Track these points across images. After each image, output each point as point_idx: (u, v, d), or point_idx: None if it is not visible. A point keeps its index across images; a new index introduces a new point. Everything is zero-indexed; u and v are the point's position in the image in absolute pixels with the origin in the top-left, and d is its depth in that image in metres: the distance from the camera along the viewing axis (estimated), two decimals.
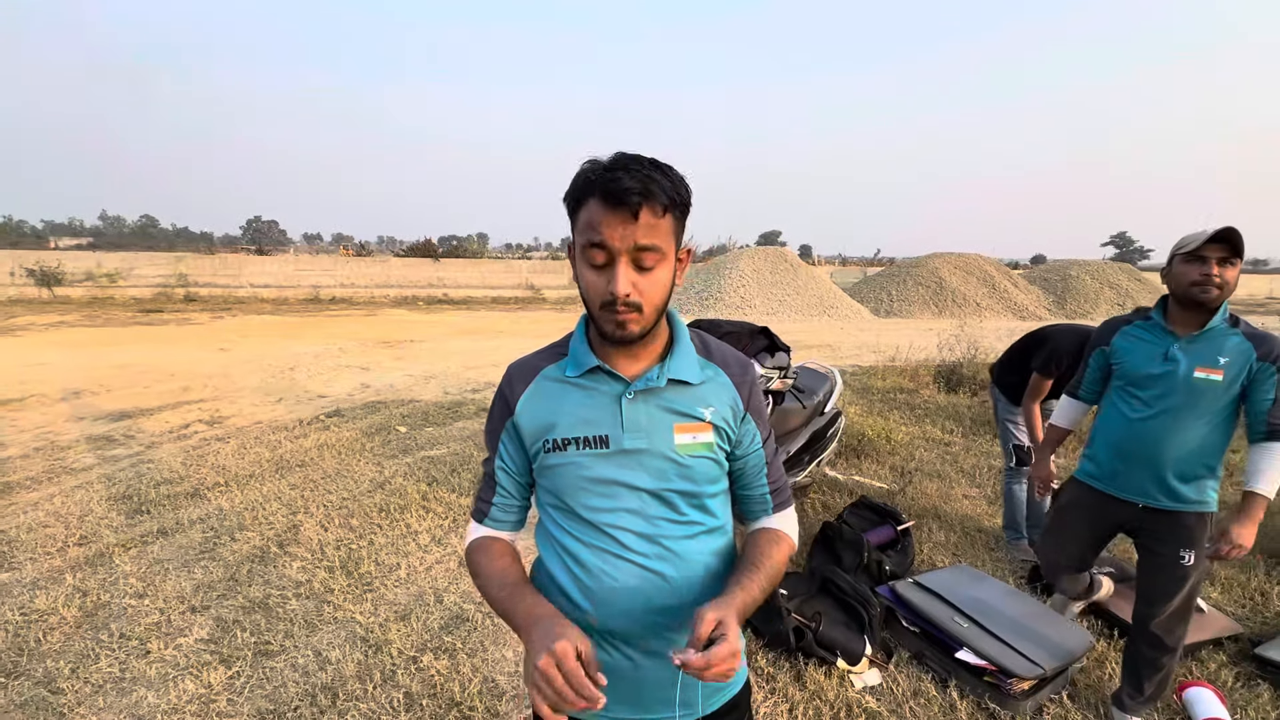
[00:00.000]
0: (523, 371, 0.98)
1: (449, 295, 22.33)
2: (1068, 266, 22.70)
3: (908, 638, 2.44)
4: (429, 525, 3.42)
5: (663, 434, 0.91)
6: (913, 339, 11.64)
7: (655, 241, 0.82)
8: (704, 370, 0.96)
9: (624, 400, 0.91)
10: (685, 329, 0.98)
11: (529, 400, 0.95)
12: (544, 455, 0.94)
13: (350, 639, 2.44)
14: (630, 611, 0.91)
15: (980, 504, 3.86)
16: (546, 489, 0.97)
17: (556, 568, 0.96)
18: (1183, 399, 1.83)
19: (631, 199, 0.79)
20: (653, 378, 0.91)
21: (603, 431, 0.91)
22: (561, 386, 0.94)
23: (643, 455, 0.91)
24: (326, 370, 8.26)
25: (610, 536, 0.92)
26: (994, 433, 5.43)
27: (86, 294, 18.65)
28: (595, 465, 0.91)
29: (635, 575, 0.91)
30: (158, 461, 4.47)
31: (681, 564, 0.94)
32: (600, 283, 0.83)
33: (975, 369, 7.35)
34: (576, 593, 0.93)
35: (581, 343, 0.95)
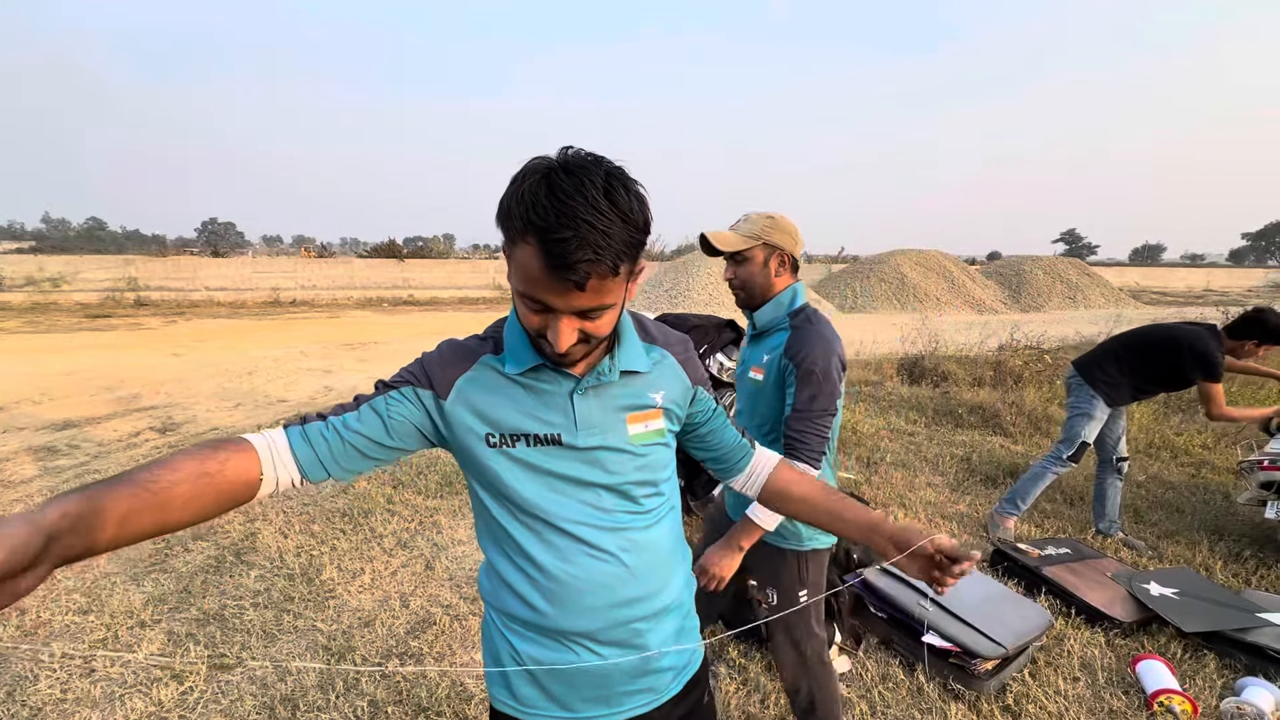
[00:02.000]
0: (458, 354, 0.88)
1: (414, 296, 21.91)
2: (1021, 262, 23.48)
3: (876, 624, 2.48)
4: (394, 529, 3.34)
5: (616, 428, 0.89)
6: (876, 333, 11.87)
7: (602, 302, 0.75)
8: (650, 355, 0.94)
9: (575, 397, 0.87)
10: (628, 317, 0.92)
11: (467, 387, 0.86)
12: (485, 449, 0.86)
13: (311, 648, 2.36)
14: (594, 608, 0.89)
15: (944, 491, 3.95)
16: (491, 488, 0.88)
17: (510, 572, 0.90)
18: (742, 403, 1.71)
19: (578, 273, 0.69)
20: (604, 371, 0.87)
21: (554, 430, 0.86)
22: (505, 381, 0.87)
23: (598, 452, 0.88)
24: (287, 373, 8.01)
25: (569, 535, 0.87)
26: (955, 423, 5.58)
27: (27, 299, 17.71)
28: (548, 463, 0.87)
29: (598, 571, 0.88)
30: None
31: (642, 552, 0.92)
32: (537, 324, 0.77)
33: (936, 361, 7.54)
34: (536, 596, 0.88)
35: (519, 336, 0.85)
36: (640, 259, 0.78)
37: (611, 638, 0.90)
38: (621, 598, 0.90)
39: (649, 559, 0.93)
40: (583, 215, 0.67)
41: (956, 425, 5.54)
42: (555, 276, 0.70)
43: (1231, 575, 2.95)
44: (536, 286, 0.73)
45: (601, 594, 0.88)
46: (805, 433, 1.48)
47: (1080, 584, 2.70)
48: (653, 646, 0.93)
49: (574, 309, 0.74)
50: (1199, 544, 3.24)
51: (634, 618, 0.91)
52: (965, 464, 4.48)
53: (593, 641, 0.90)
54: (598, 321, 0.77)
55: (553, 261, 0.69)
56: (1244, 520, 3.55)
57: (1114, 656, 2.33)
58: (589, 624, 0.89)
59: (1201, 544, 3.24)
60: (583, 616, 0.88)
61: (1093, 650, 2.35)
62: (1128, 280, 31.64)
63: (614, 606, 0.89)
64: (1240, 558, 3.11)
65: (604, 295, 0.74)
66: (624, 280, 0.77)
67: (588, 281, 0.70)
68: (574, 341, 0.77)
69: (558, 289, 0.72)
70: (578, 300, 0.73)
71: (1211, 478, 4.26)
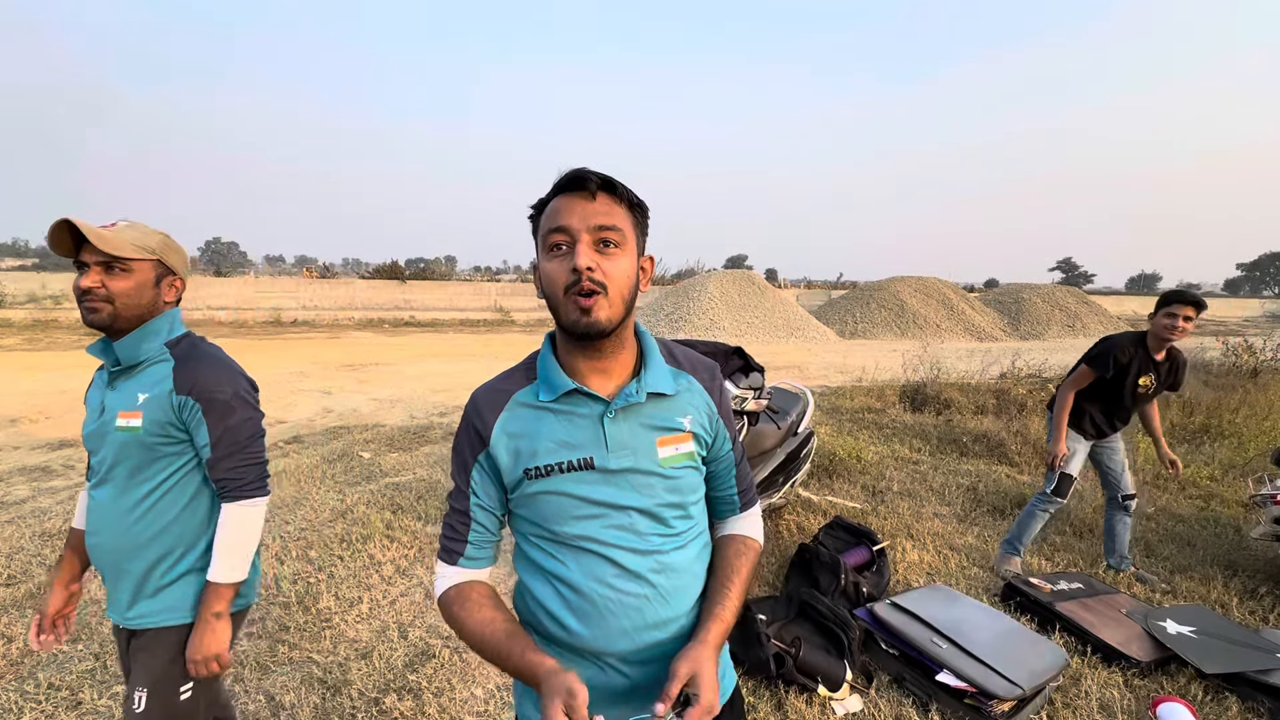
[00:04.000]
0: (492, 399, 0.95)
1: (416, 317, 21.96)
2: (1020, 290, 23.64)
3: (887, 660, 2.41)
4: (393, 556, 3.27)
5: (647, 450, 0.92)
6: (878, 359, 11.88)
7: (614, 222, 0.84)
8: (677, 380, 0.97)
9: (606, 420, 0.90)
10: (653, 340, 0.99)
11: (504, 429, 0.92)
12: (525, 483, 0.90)
13: (306, 680, 2.28)
14: (627, 630, 0.90)
15: (951, 522, 3.89)
16: (528, 518, 0.93)
17: (546, 594, 0.93)
18: None
19: (589, 184, 0.84)
20: (632, 393, 0.91)
21: (586, 454, 0.90)
22: (537, 412, 0.92)
23: (629, 474, 0.91)
24: (286, 394, 7.96)
25: (603, 558, 0.90)
26: (960, 451, 5.54)
27: (28, 317, 17.73)
28: (581, 488, 0.90)
29: (630, 593, 0.90)
30: None
31: (673, 575, 0.93)
32: (562, 268, 0.84)
33: (939, 388, 7.51)
34: (570, 618, 0.91)
35: (552, 364, 0.93)
36: (644, 237, 0.92)
37: (641, 657, 0.91)
38: (652, 620, 0.91)
39: (679, 582, 0.94)
40: (592, 170, 0.86)
41: (961, 454, 5.49)
42: (570, 195, 0.85)
43: (1248, 613, 2.89)
44: (557, 214, 0.85)
45: (633, 616, 0.90)
46: (242, 466, 1.33)
47: (1095, 621, 2.64)
48: None
49: (590, 224, 0.84)
50: (1213, 579, 3.18)
51: (663, 640, 0.92)
52: (972, 494, 4.43)
53: (622, 662, 0.91)
54: (612, 259, 0.85)
55: (570, 185, 0.85)
56: (1257, 555, 3.49)
57: (1133, 698, 2.26)
58: (621, 645, 0.90)
59: (1215, 579, 3.18)
60: (615, 638, 0.90)
61: (1111, 691, 2.28)
62: (1125, 308, 31.82)
63: (645, 629, 0.91)
64: (1256, 594, 3.05)
65: (614, 216, 0.85)
66: (631, 226, 0.88)
67: (598, 191, 0.84)
68: (594, 264, 0.83)
69: (574, 205, 0.84)
70: (593, 215, 0.84)
71: (1221, 510, 4.20)
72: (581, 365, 0.92)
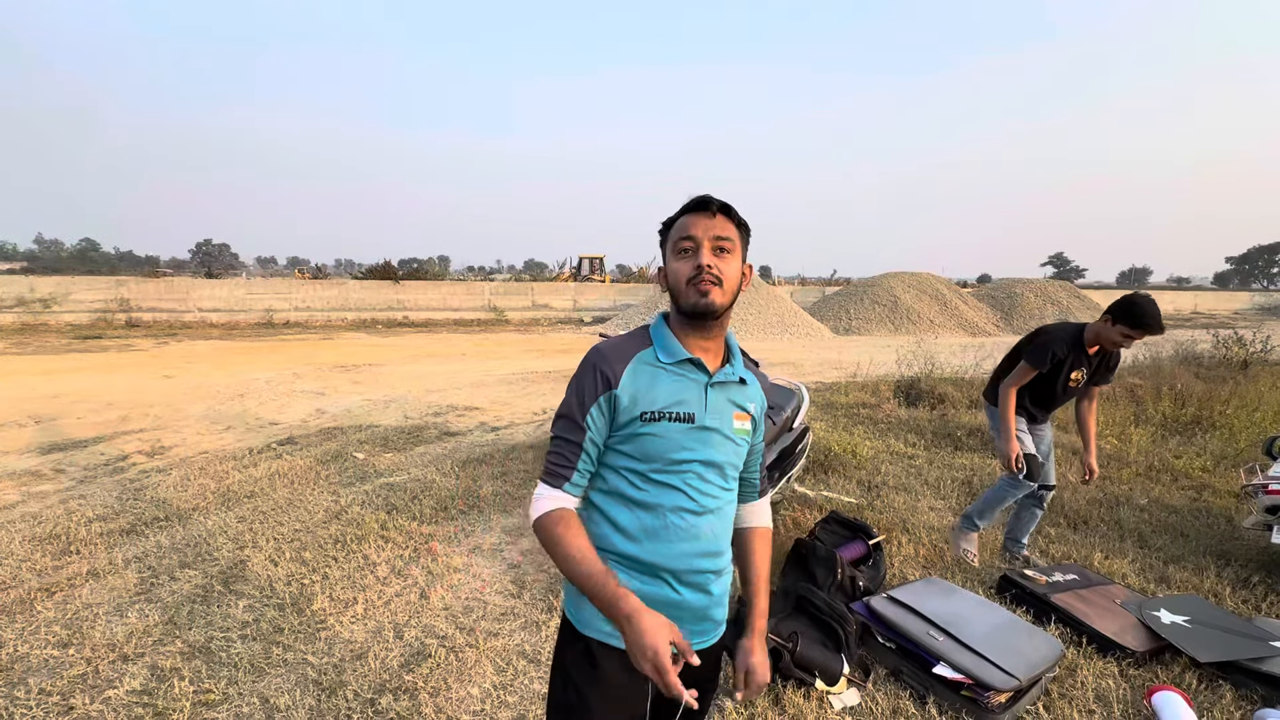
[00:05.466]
0: (619, 352, 1.15)
1: (409, 318, 21.86)
2: (1013, 284, 23.74)
3: (884, 654, 2.41)
4: (388, 556, 3.25)
5: (727, 418, 1.16)
6: (872, 355, 11.92)
7: (728, 234, 1.11)
8: (749, 375, 1.23)
9: (708, 388, 1.15)
10: (737, 342, 1.25)
11: (630, 378, 1.12)
12: (639, 424, 1.10)
13: (301, 682, 2.26)
14: (684, 552, 1.13)
15: (946, 516, 3.90)
16: (630, 453, 1.12)
17: (624, 516, 1.13)
18: None
19: (712, 205, 1.12)
20: (729, 374, 1.18)
21: (690, 410, 1.12)
22: (655, 370, 1.13)
23: (713, 433, 1.14)
24: (279, 396, 7.91)
25: (684, 493, 1.12)
26: (954, 445, 5.56)
27: (17, 320, 17.53)
28: (680, 436, 1.11)
29: (692, 523, 1.13)
30: (90, 497, 4.16)
31: (721, 519, 1.19)
32: (688, 265, 1.10)
33: (933, 383, 7.54)
34: (642, 534, 1.12)
35: (670, 336, 1.16)
36: (748, 252, 1.17)
37: (689, 581, 1.14)
38: (702, 549, 1.14)
39: (723, 526, 1.19)
40: (711, 197, 1.14)
41: (956, 448, 5.51)
42: (697, 212, 1.12)
43: (1241, 602, 2.91)
44: (686, 227, 1.11)
45: (691, 543, 1.13)
46: None
47: (1090, 612, 2.65)
48: (714, 594, 1.18)
49: (710, 234, 1.10)
50: (1206, 569, 3.20)
51: (707, 568, 1.16)
52: (966, 487, 4.45)
53: (675, 579, 1.13)
54: (725, 260, 1.11)
55: (696, 206, 1.12)
56: (1250, 545, 3.52)
57: (1128, 688, 2.27)
58: (676, 564, 1.12)
59: (1209, 569, 3.20)
60: (676, 558, 1.12)
61: (1107, 681, 2.29)
62: None
63: (695, 555, 1.14)
64: (1249, 584, 3.07)
65: (729, 230, 1.11)
66: (739, 242, 1.13)
67: (717, 213, 1.11)
68: (713, 261, 1.09)
69: (699, 219, 1.11)
70: (713, 226, 1.10)
71: (1214, 501, 4.23)
72: (691, 342, 1.15)
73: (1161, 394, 6.94)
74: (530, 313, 23.88)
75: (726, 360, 1.20)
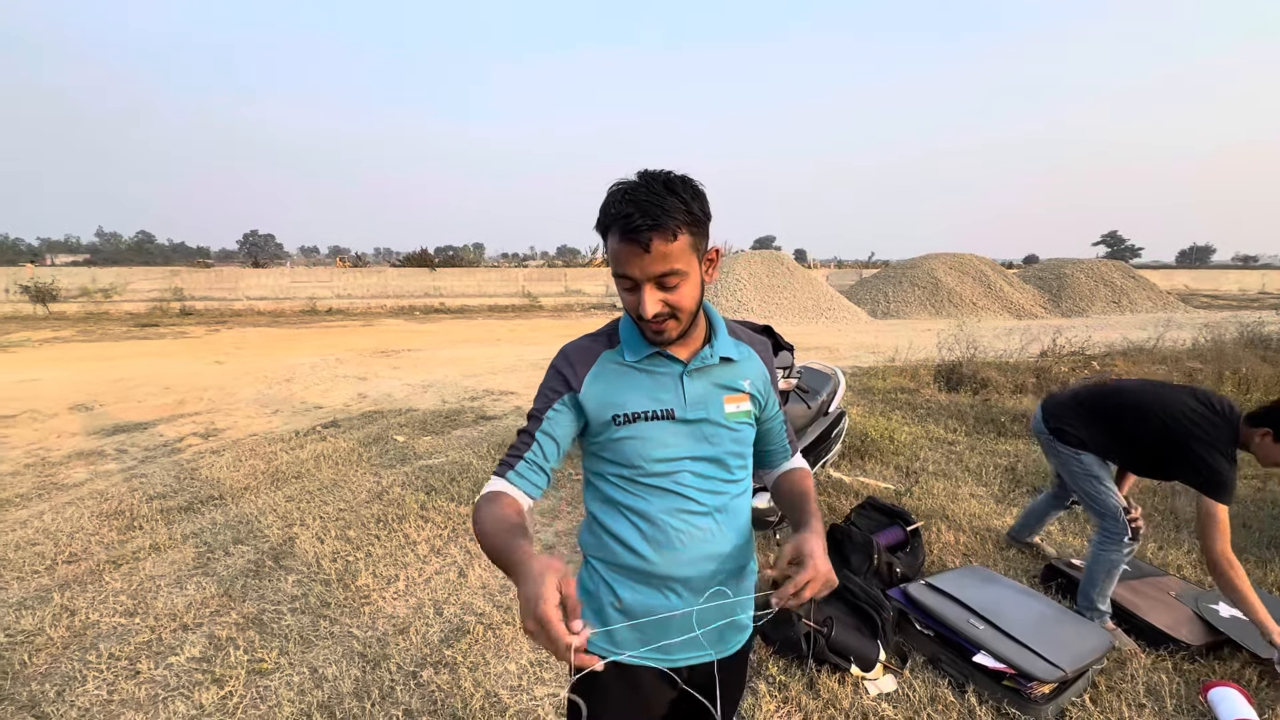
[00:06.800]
0: (582, 354, 1.06)
1: (445, 304, 22.25)
2: (1062, 265, 22.74)
3: (922, 641, 2.37)
4: (427, 535, 3.35)
5: (715, 405, 1.05)
6: (911, 339, 11.61)
7: (671, 267, 0.91)
8: (739, 349, 1.10)
9: (684, 378, 1.04)
10: (720, 316, 1.11)
11: (595, 380, 1.04)
12: (613, 428, 1.02)
13: (347, 655, 2.36)
14: (693, 559, 1.04)
15: (988, 503, 3.80)
16: (612, 459, 1.05)
17: (622, 527, 1.05)
18: None
19: (642, 236, 0.88)
20: (707, 356, 1.05)
21: (668, 406, 1.03)
22: (623, 369, 1.04)
23: (702, 424, 1.04)
24: (323, 381, 8.18)
25: (679, 495, 1.03)
26: (998, 431, 5.39)
27: (81, 309, 18.53)
28: (663, 435, 1.02)
29: (699, 528, 1.04)
30: (151, 476, 4.39)
31: (731, 514, 1.08)
32: (633, 301, 0.95)
33: (975, 368, 7.31)
34: (645, 546, 1.03)
35: (635, 332, 1.04)
36: (706, 241, 0.97)
37: (702, 587, 1.05)
38: (714, 553, 1.05)
39: (736, 523, 1.09)
40: (642, 198, 0.88)
41: (999, 434, 5.34)
42: (626, 244, 0.89)
43: None
44: (619, 261, 0.92)
45: (700, 547, 1.04)
46: None
47: (1142, 603, 2.55)
48: (734, 601, 1.08)
49: (649, 275, 0.91)
50: (1270, 563, 3.04)
51: (722, 571, 1.07)
52: (1010, 474, 4.31)
53: (687, 589, 1.04)
54: (677, 292, 0.93)
55: (623, 235, 0.89)
56: None
57: (1183, 682, 2.18)
58: (687, 572, 1.04)
59: (1273, 563, 3.04)
60: (683, 565, 1.04)
61: (1159, 675, 2.21)
62: (1176, 283, 30.39)
63: (707, 560, 1.05)
64: None
65: (671, 260, 0.90)
66: (690, 251, 0.92)
67: (651, 244, 0.88)
68: (660, 309, 0.93)
69: (631, 256, 0.90)
70: (650, 264, 0.90)
71: (1279, 491, 4.01)
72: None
73: (1223, 378, 6.58)
74: (564, 298, 24.04)
75: (707, 341, 1.07)
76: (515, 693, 2.17)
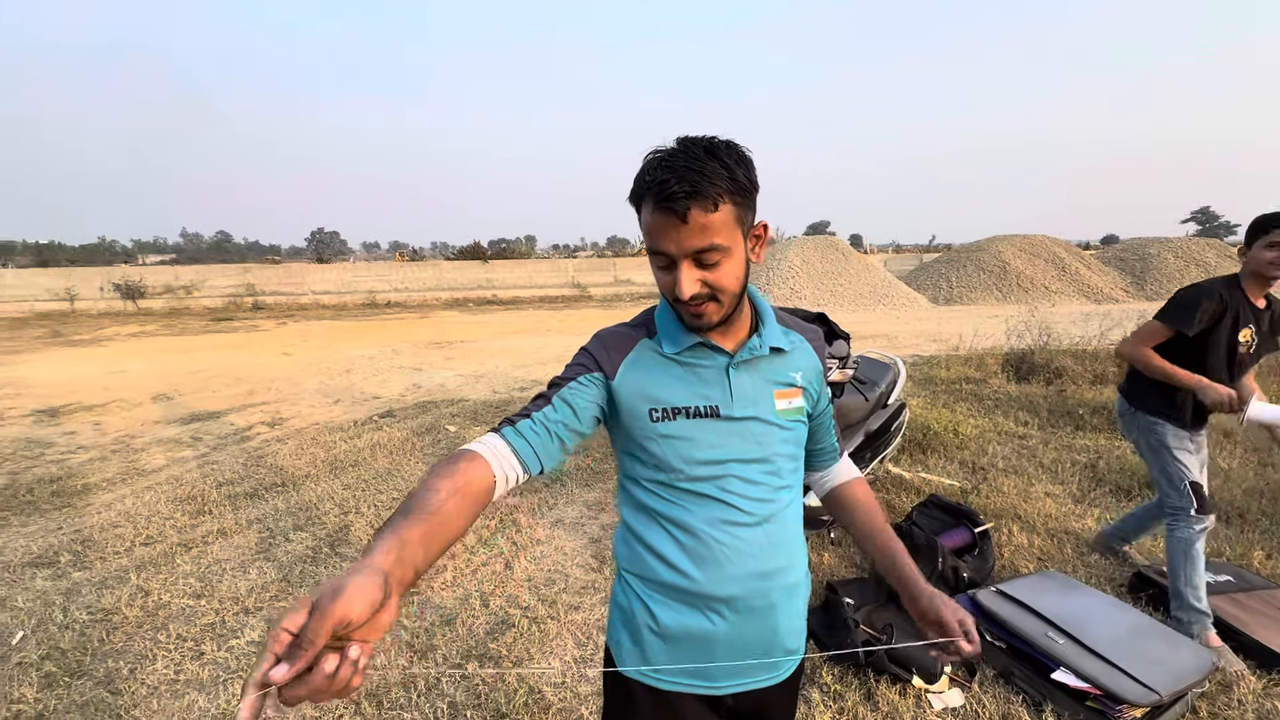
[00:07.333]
0: (618, 339, 0.96)
1: (497, 296, 22.69)
2: (1146, 245, 21.06)
3: (993, 653, 2.19)
4: (475, 526, 3.37)
5: (766, 401, 0.94)
6: (977, 326, 11.00)
7: (710, 241, 0.80)
8: (789, 338, 0.99)
9: (730, 371, 0.93)
10: (766, 302, 1.01)
11: (631, 368, 0.93)
12: (649, 425, 0.91)
13: (396, 644, 2.38)
14: (738, 575, 0.92)
15: (1065, 503, 3.51)
16: (650, 462, 0.93)
17: (660, 540, 0.94)
18: None
19: (678, 204, 0.78)
20: (755, 347, 0.94)
21: (712, 403, 0.91)
22: (663, 361, 0.93)
23: (750, 423, 0.93)
24: (381, 372, 8.45)
25: (724, 503, 0.92)
26: (1075, 425, 5.01)
27: (165, 305, 19.90)
28: (706, 434, 0.91)
29: (745, 539, 0.92)
30: (221, 463, 4.62)
31: (782, 526, 0.96)
32: (668, 282, 0.85)
33: (1049, 356, 6.83)
34: (686, 562, 0.92)
35: (673, 320, 0.94)
36: (752, 214, 0.85)
37: (750, 605, 0.93)
38: (763, 568, 0.93)
39: (786, 533, 0.97)
40: (680, 163, 0.78)
41: (1076, 428, 4.96)
42: (661, 214, 0.79)
43: None
44: (653, 235, 0.82)
45: (747, 562, 0.92)
46: None
47: (1249, 619, 2.29)
48: (782, 621, 0.96)
49: (687, 250, 0.81)
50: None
51: (771, 589, 0.95)
52: (1090, 471, 3.98)
53: (731, 610, 0.93)
54: (718, 271, 0.83)
55: (657, 204, 0.79)
56: None
57: None
58: (733, 590, 0.92)
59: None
60: (728, 583, 0.92)
61: (1271, 702, 1.96)
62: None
63: (756, 576, 0.93)
64: None
65: (710, 234, 0.80)
66: (733, 224, 0.82)
67: (689, 214, 0.78)
68: (698, 290, 0.83)
69: (667, 228, 0.80)
70: (687, 238, 0.80)
71: None
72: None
73: None
74: (613, 288, 24.09)
75: (754, 330, 0.96)
76: (559, 690, 2.13)
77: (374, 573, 0.56)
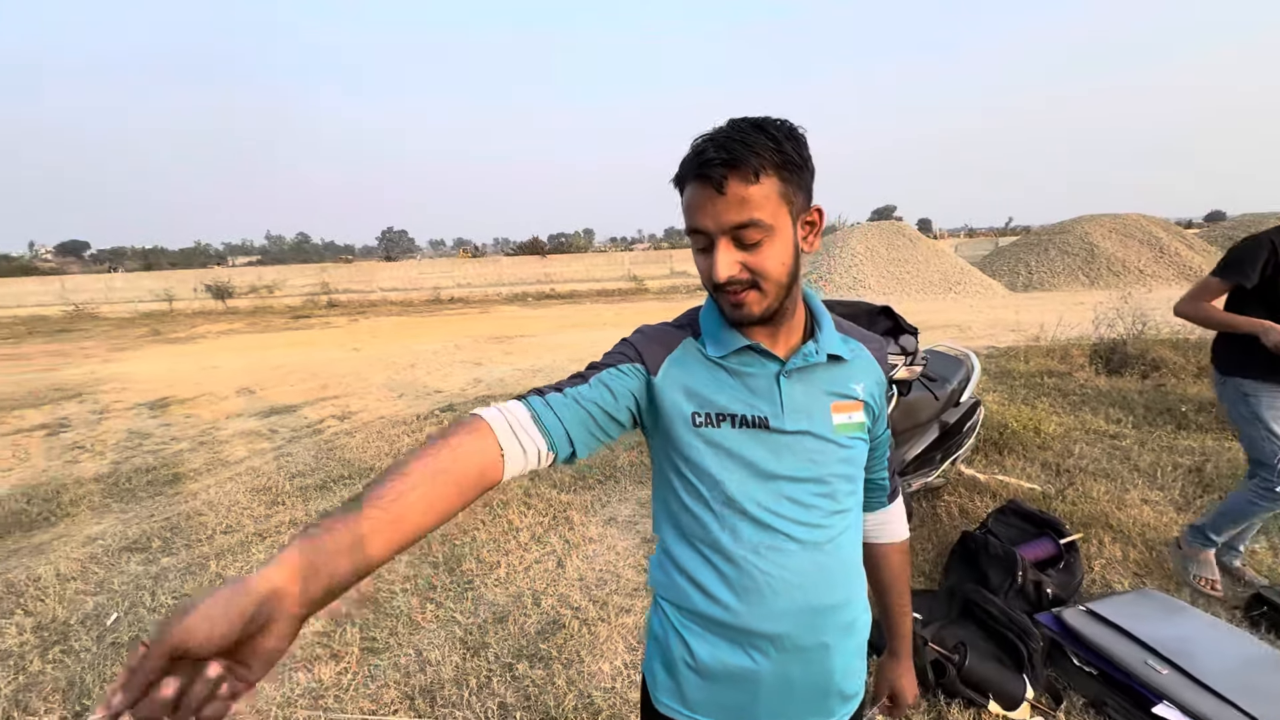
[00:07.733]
0: (663, 335, 0.87)
1: (555, 290, 23.04)
2: (1260, 220, 18.99)
3: (1082, 680, 1.99)
4: (529, 522, 3.38)
5: (821, 414, 0.85)
6: (1060, 314, 10.22)
7: (750, 216, 0.72)
8: (848, 345, 0.89)
9: (781, 379, 0.84)
10: (823, 305, 0.91)
11: (674, 366, 0.84)
12: (689, 432, 0.82)
13: (450, 640, 2.41)
14: (787, 611, 0.82)
15: (1166, 511, 3.18)
16: (690, 476, 0.84)
17: (698, 566, 0.85)
18: None
19: (714, 172, 0.71)
20: (811, 353, 0.85)
21: (761, 412, 0.82)
22: (708, 364, 0.85)
23: (804, 438, 0.83)
24: (443, 366, 8.71)
25: (767, 527, 0.82)
26: (1176, 424, 4.55)
27: (250, 304, 21.31)
28: (752, 448, 0.82)
29: (794, 569, 0.82)
30: (294, 455, 4.86)
31: (838, 555, 0.86)
32: (705, 265, 0.77)
33: (1145, 346, 6.25)
34: (726, 593, 0.82)
35: (717, 320, 0.85)
36: (803, 196, 0.77)
37: (798, 644, 0.83)
38: (816, 602, 0.83)
39: (843, 564, 0.87)
40: (723, 136, 0.72)
41: (1178, 427, 4.49)
42: (697, 185, 0.73)
43: None
44: (690, 211, 0.75)
45: (796, 595, 0.82)
46: None
47: None
48: (837, 662, 0.86)
49: (724, 226, 0.73)
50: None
51: (824, 626, 0.85)
52: (1195, 476, 3.59)
53: (777, 649, 0.83)
54: (759, 252, 0.74)
55: (695, 175, 0.73)
56: None
57: None
58: (779, 627, 0.82)
59: None
60: (774, 618, 0.82)
61: None
62: None
63: (807, 611, 0.83)
64: None
65: (750, 208, 0.72)
66: (778, 201, 0.74)
67: (726, 183, 0.71)
68: (735, 273, 0.75)
69: (703, 200, 0.73)
70: (725, 211, 0.72)
71: None
72: (751, 327, 0.83)
73: None
74: (669, 280, 24.01)
75: (809, 335, 0.87)
76: (608, 695, 2.09)
77: (243, 593, 0.49)
